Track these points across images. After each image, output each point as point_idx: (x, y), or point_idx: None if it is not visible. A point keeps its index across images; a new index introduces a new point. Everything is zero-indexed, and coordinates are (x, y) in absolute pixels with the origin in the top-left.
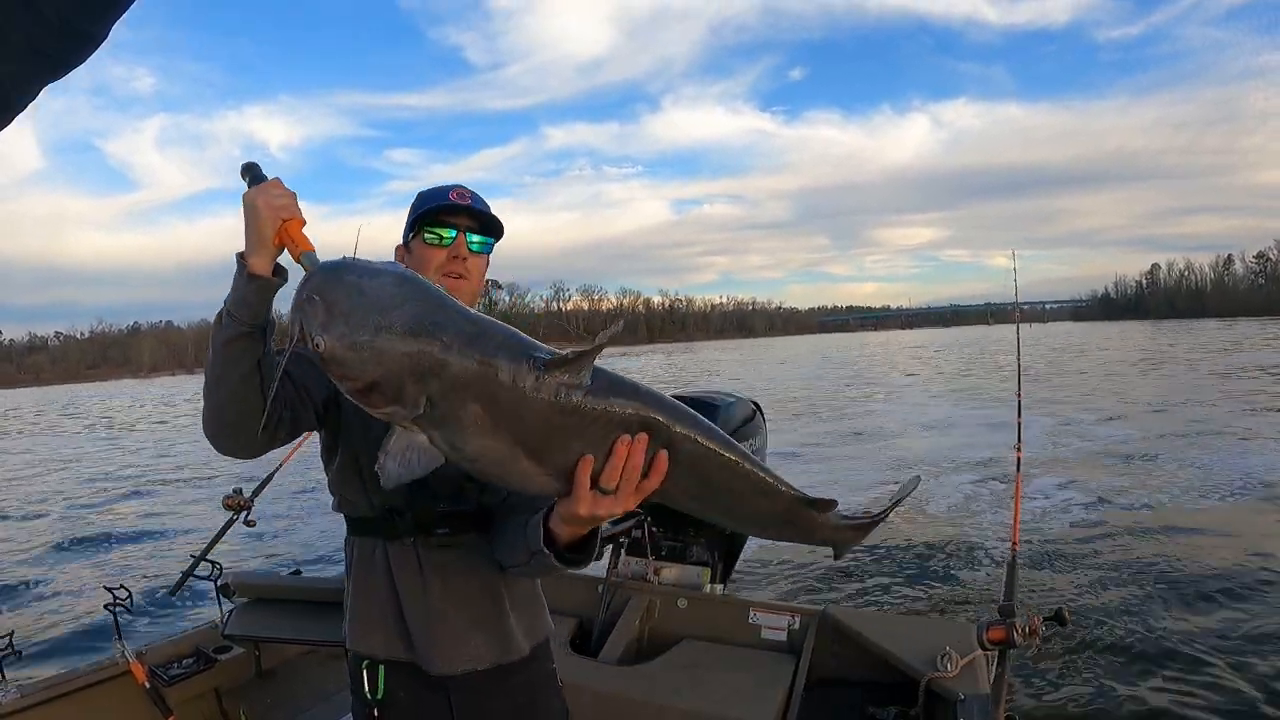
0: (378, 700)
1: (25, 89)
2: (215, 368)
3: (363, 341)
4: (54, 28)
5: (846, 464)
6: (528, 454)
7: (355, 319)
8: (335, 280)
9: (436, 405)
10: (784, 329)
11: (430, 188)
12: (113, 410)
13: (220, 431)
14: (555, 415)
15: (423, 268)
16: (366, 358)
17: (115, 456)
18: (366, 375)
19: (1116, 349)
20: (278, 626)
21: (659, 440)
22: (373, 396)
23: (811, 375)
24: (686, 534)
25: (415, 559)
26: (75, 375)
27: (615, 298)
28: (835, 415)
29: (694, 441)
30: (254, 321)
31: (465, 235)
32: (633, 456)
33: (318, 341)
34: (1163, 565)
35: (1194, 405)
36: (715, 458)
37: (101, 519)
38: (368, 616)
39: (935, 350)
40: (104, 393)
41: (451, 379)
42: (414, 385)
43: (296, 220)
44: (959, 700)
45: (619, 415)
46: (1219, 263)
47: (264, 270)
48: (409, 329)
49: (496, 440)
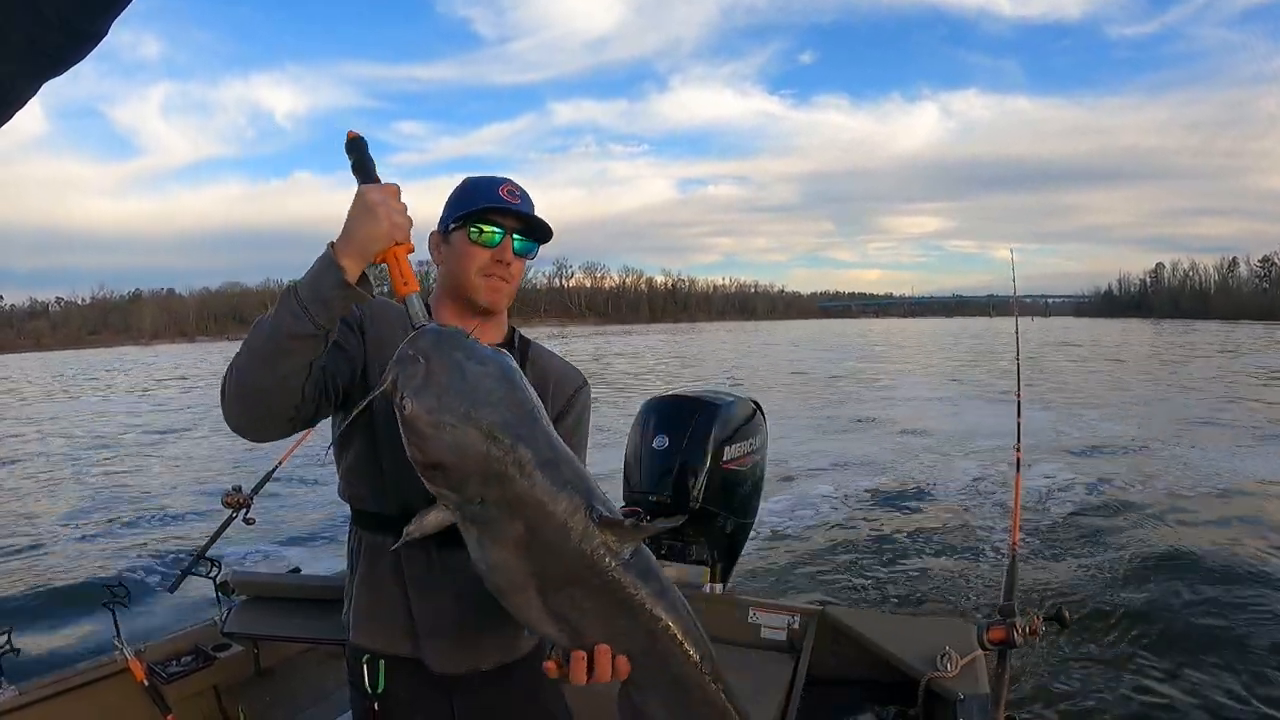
0: (377, 695)
1: (24, 87)
2: (266, 354)
3: (447, 424)
4: (54, 26)
5: (847, 450)
6: (539, 588)
7: (449, 398)
8: (443, 350)
9: (487, 509)
10: (786, 313)
11: (479, 178)
12: (114, 385)
13: (246, 415)
14: (584, 569)
15: (462, 264)
16: (445, 441)
17: (115, 452)
18: (437, 456)
19: (1117, 345)
20: (277, 624)
21: (656, 649)
22: (434, 475)
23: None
24: (686, 533)
25: (428, 559)
26: (76, 341)
27: (618, 275)
28: (833, 402)
29: (684, 664)
30: (328, 325)
31: (511, 238)
32: (602, 668)
33: (405, 403)
34: (1164, 564)
35: (1195, 405)
36: (695, 687)
37: (100, 516)
38: (372, 611)
39: (942, 339)
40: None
41: (513, 495)
42: (477, 484)
43: (408, 246)
44: (959, 700)
45: (635, 600)
46: (1224, 265)
47: (352, 275)
48: (494, 431)
49: (520, 562)
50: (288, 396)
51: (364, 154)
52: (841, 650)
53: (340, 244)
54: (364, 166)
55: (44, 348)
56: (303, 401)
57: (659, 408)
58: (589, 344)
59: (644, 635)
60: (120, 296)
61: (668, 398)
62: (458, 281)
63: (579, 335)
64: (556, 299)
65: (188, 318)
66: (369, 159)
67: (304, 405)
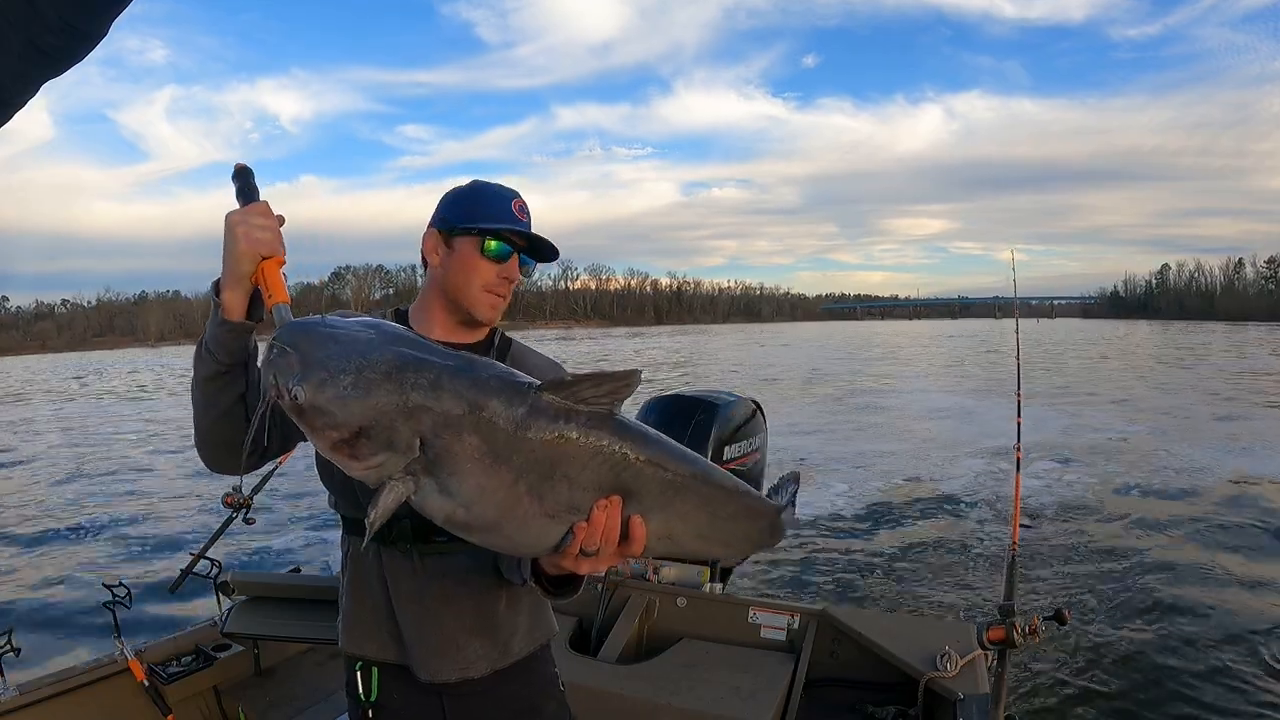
0: (371, 702)
1: (25, 86)
2: (197, 401)
3: (346, 383)
4: (54, 26)
5: (848, 450)
6: (528, 491)
7: (335, 364)
8: (306, 330)
9: (429, 444)
10: (791, 315)
11: (489, 186)
12: (114, 386)
13: (210, 456)
14: (555, 440)
15: (467, 274)
16: (352, 401)
17: (113, 448)
18: (354, 420)
19: (1122, 346)
20: (277, 624)
21: (648, 493)
22: (361, 446)
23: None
24: None
25: (411, 563)
26: (82, 343)
27: (623, 278)
28: (835, 401)
29: (682, 485)
30: (231, 361)
31: (518, 256)
32: (609, 521)
33: (295, 393)
34: (1164, 564)
35: (1198, 404)
36: (705, 498)
37: (100, 516)
38: (360, 618)
39: (948, 338)
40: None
41: (445, 412)
42: (405, 424)
43: (276, 259)
44: (958, 700)
45: (624, 448)
46: (1229, 266)
47: (237, 311)
48: (394, 366)
49: (495, 477)
50: (233, 434)
51: (247, 181)
52: (841, 650)
53: (222, 277)
54: (244, 192)
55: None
56: (249, 442)
57: (660, 407)
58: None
59: (651, 481)
60: (126, 299)
61: (668, 397)
62: (457, 289)
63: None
64: (562, 301)
65: (194, 320)
66: (251, 186)
67: (257, 440)
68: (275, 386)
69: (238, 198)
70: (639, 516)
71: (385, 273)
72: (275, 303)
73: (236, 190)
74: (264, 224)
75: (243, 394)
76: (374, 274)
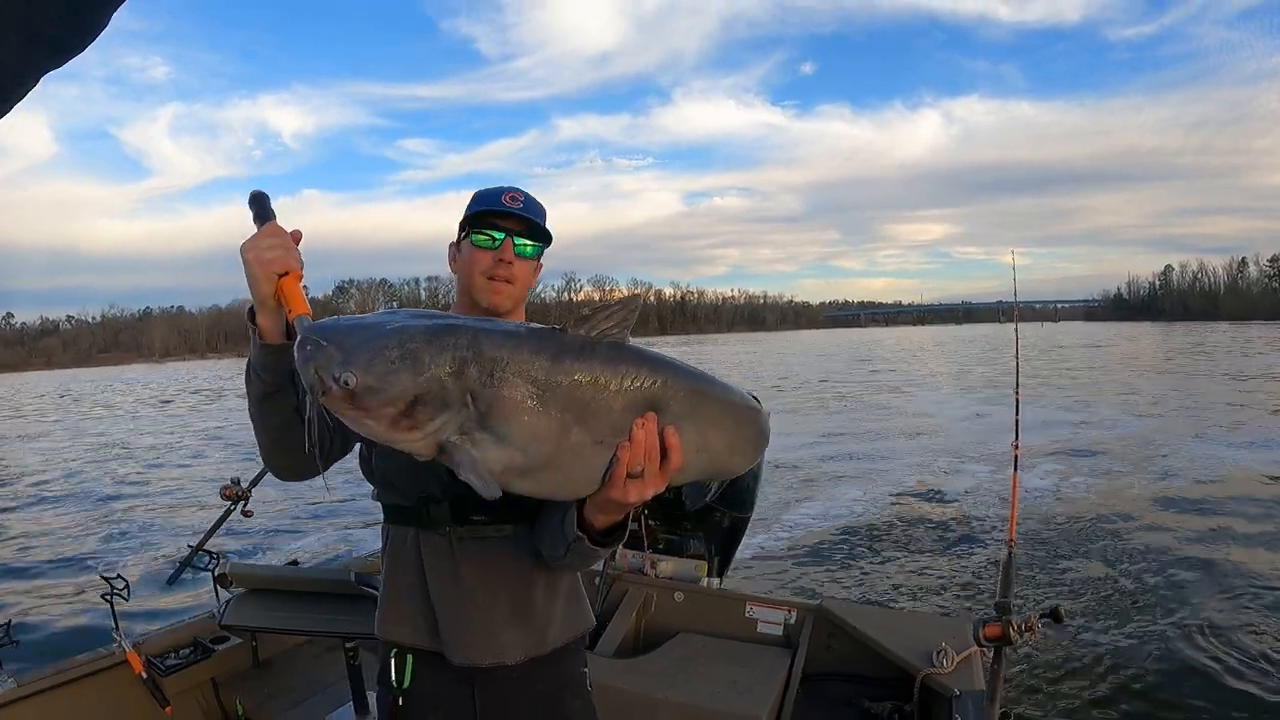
0: (403, 689)
1: (25, 78)
2: (256, 420)
3: (393, 356)
4: (55, 18)
5: (848, 449)
6: (575, 421)
7: (376, 343)
8: (333, 325)
9: (479, 397)
10: (795, 323)
11: (486, 188)
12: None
13: (278, 467)
14: (587, 371)
15: (468, 267)
16: (403, 372)
17: (113, 448)
18: (409, 390)
19: (1127, 349)
20: (275, 617)
21: (675, 404)
22: (419, 413)
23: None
24: (684, 528)
25: (448, 547)
26: (86, 359)
27: (626, 288)
28: (837, 403)
29: (700, 392)
30: (279, 380)
31: (513, 239)
32: (649, 437)
33: (345, 379)
34: (1160, 562)
35: (1199, 403)
36: (721, 402)
37: (99, 508)
38: (396, 604)
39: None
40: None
41: (488, 361)
42: (455, 382)
43: (293, 274)
44: (954, 696)
45: (637, 369)
46: (1233, 265)
47: (273, 334)
48: (432, 332)
49: (543, 415)
50: (295, 444)
51: (261, 206)
52: (838, 645)
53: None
54: (259, 216)
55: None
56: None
57: None
58: None
59: (675, 392)
60: (131, 315)
61: None
62: (466, 285)
63: None
64: (566, 313)
65: (198, 335)
66: (265, 210)
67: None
68: (320, 381)
69: (254, 223)
70: (673, 427)
71: (389, 286)
72: (296, 315)
73: (252, 216)
74: (272, 243)
75: (296, 406)
76: (378, 287)
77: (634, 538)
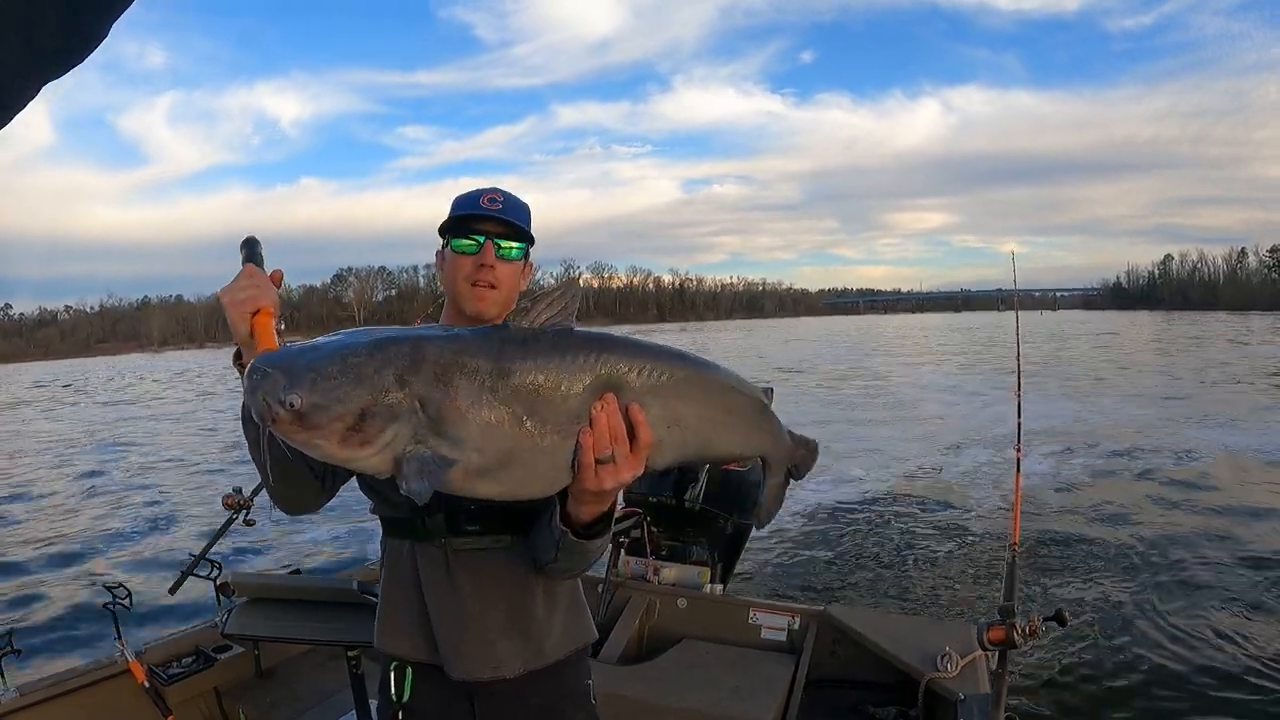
0: (402, 703)
1: (25, 88)
2: (257, 461)
3: (334, 372)
4: (54, 27)
5: (850, 449)
6: (528, 413)
7: (317, 364)
8: (279, 354)
9: (428, 403)
10: (794, 310)
11: (465, 193)
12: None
13: (284, 504)
14: (534, 362)
15: (450, 274)
16: (346, 386)
17: (114, 452)
18: (354, 404)
19: (1126, 338)
20: (277, 626)
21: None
22: (368, 427)
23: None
24: (686, 534)
25: (444, 559)
26: (85, 349)
27: (625, 275)
28: (839, 399)
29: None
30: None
31: (493, 243)
32: (610, 418)
33: (290, 401)
34: (1164, 564)
35: (1202, 398)
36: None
37: (101, 517)
38: (394, 617)
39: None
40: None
41: (430, 367)
42: (401, 391)
43: (264, 312)
44: (959, 700)
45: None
46: (1232, 255)
47: None
48: (373, 346)
49: (494, 410)
50: (296, 477)
51: (252, 250)
52: (842, 651)
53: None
54: (248, 259)
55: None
56: (311, 470)
57: None
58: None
59: (631, 370)
60: (129, 304)
61: None
62: (451, 292)
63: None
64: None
65: (196, 324)
66: (256, 254)
67: (323, 473)
68: (268, 407)
69: (242, 265)
70: (636, 404)
71: (387, 274)
72: (260, 350)
73: (243, 261)
74: (245, 284)
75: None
76: (376, 275)
77: (637, 544)
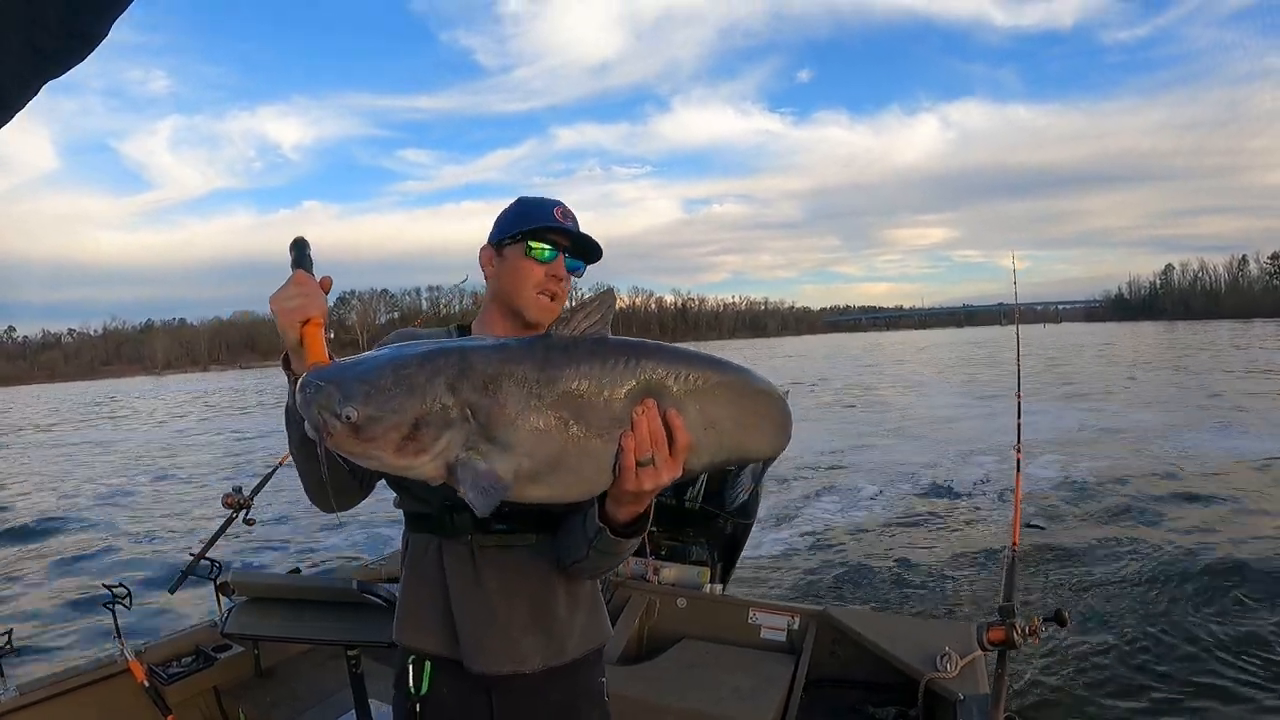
0: (420, 696)
1: (25, 88)
2: (299, 461)
3: (388, 384)
4: (54, 27)
5: (851, 453)
6: (574, 418)
7: (370, 377)
8: (331, 367)
9: (478, 409)
10: (796, 329)
11: (533, 197)
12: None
13: (323, 504)
14: (577, 368)
15: (518, 279)
16: (401, 397)
17: (114, 455)
18: (408, 415)
19: (1131, 349)
20: (277, 625)
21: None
22: (423, 435)
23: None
24: (686, 534)
25: (470, 555)
26: (89, 372)
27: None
28: (841, 407)
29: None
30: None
31: (564, 256)
32: (651, 422)
33: (347, 414)
34: (1164, 564)
35: (1205, 404)
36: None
37: (101, 517)
38: (416, 611)
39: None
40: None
41: (479, 375)
42: (453, 399)
43: (314, 322)
44: (959, 701)
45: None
46: (1234, 264)
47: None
48: (423, 357)
49: (542, 416)
50: (340, 478)
51: (300, 253)
52: (841, 651)
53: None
54: (296, 263)
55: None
56: (352, 473)
57: None
58: None
59: (669, 375)
60: (132, 327)
61: None
62: (511, 295)
63: None
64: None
65: (200, 347)
66: (304, 257)
67: (360, 473)
68: (323, 420)
69: (291, 267)
70: (674, 409)
71: (390, 296)
72: (311, 363)
73: (292, 264)
74: (294, 293)
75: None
76: (379, 298)
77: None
